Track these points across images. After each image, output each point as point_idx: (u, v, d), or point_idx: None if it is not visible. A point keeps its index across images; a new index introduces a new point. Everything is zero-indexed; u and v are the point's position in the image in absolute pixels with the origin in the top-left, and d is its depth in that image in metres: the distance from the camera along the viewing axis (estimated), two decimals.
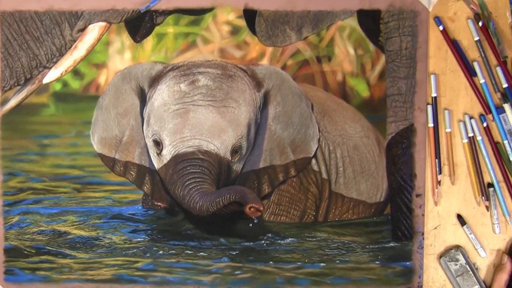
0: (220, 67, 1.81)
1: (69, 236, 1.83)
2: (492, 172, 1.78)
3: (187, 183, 1.75)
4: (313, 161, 1.85)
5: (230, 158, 1.79)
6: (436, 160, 1.78)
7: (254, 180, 1.83)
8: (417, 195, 1.79)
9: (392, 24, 1.78)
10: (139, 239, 1.83)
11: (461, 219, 1.79)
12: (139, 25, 1.80)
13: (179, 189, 1.76)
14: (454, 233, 1.80)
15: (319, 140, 1.85)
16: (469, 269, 1.78)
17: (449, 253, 1.79)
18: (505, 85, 1.76)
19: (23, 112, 1.82)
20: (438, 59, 1.78)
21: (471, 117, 1.78)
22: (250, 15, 1.80)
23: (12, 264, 1.81)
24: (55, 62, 1.80)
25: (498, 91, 1.77)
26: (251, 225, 1.81)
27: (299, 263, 1.80)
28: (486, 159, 1.77)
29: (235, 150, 1.79)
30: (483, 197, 1.78)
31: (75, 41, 1.79)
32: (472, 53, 1.78)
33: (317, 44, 1.83)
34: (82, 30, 1.78)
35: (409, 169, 1.79)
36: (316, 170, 1.86)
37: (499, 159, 1.78)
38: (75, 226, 1.84)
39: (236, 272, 1.80)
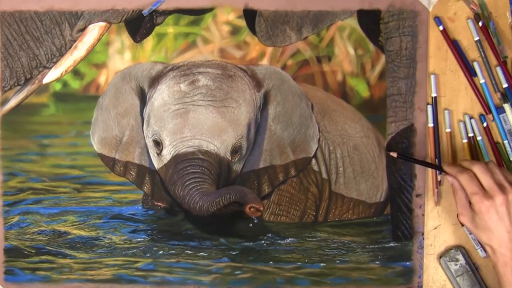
0: (220, 67, 1.81)
1: (69, 236, 1.83)
2: None
3: (187, 183, 1.75)
4: (313, 161, 1.85)
5: (230, 158, 1.79)
6: (436, 160, 1.78)
7: (254, 180, 1.83)
8: (417, 195, 1.79)
9: (392, 24, 1.78)
10: (139, 239, 1.83)
11: None
12: (139, 25, 1.80)
13: (179, 189, 1.76)
14: (454, 233, 1.80)
15: (319, 140, 1.85)
16: (469, 269, 1.78)
17: (449, 253, 1.79)
18: (505, 85, 1.76)
19: (23, 112, 1.82)
20: (438, 59, 1.78)
21: (471, 117, 1.78)
22: (250, 15, 1.80)
23: (12, 264, 1.81)
24: (55, 62, 1.80)
25: (498, 91, 1.77)
26: (251, 225, 1.81)
27: (299, 263, 1.80)
28: (486, 159, 1.77)
29: (235, 150, 1.79)
30: None
31: (75, 41, 1.79)
32: (472, 53, 1.78)
33: (317, 44, 1.83)
34: (82, 30, 1.78)
35: (409, 169, 1.79)
36: (316, 170, 1.86)
37: (499, 159, 1.78)
38: (75, 226, 1.84)
39: (236, 272, 1.80)
